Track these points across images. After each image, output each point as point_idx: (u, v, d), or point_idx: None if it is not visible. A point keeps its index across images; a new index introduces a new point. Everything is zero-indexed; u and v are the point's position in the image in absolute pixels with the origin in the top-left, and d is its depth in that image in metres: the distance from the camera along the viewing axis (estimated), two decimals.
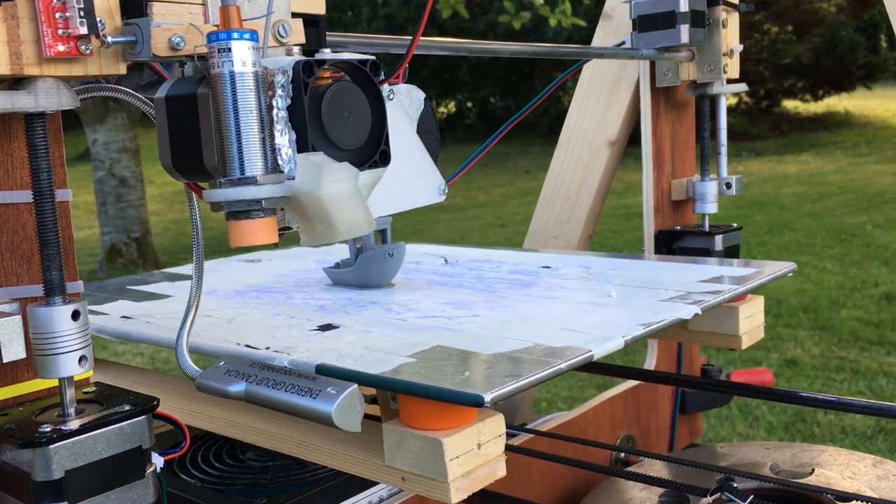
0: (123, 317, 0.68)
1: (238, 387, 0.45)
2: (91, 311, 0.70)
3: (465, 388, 0.43)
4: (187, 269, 0.93)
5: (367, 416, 0.61)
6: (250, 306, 0.69)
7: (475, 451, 0.46)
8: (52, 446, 0.43)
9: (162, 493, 0.48)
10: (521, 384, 0.44)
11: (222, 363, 0.48)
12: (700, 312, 0.58)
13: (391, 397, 0.52)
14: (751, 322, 0.71)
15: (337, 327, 0.60)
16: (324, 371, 0.48)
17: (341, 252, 0.97)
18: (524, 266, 0.80)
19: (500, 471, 0.47)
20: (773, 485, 0.69)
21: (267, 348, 0.54)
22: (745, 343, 0.70)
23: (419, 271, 0.82)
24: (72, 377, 0.45)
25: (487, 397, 0.42)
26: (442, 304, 0.65)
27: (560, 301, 0.64)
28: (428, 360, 0.49)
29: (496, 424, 0.47)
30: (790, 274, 0.74)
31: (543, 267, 0.79)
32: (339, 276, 0.76)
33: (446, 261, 0.86)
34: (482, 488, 0.51)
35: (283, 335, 0.58)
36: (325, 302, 0.69)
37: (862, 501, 0.63)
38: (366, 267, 0.73)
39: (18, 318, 0.45)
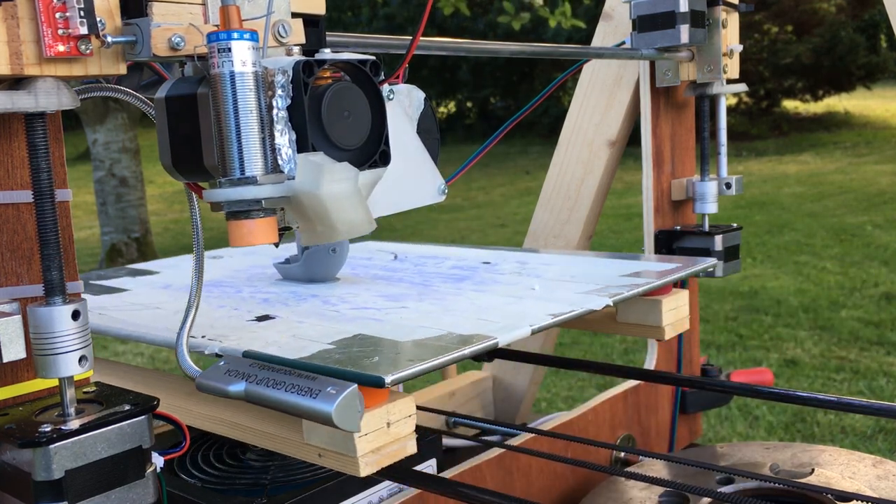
0: None
1: (238, 387, 0.45)
2: None
3: (370, 370, 0.45)
4: (151, 265, 0.96)
5: None
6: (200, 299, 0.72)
7: (384, 430, 0.49)
8: (52, 446, 0.43)
9: (162, 492, 0.48)
10: (422, 367, 0.47)
11: (222, 363, 0.48)
12: (611, 303, 0.61)
13: None
14: (674, 314, 0.73)
15: (273, 318, 0.62)
16: (250, 356, 0.51)
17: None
18: (466, 262, 0.82)
19: (410, 448, 0.51)
20: (773, 484, 0.69)
21: (203, 336, 0.57)
22: (669, 334, 0.72)
23: (367, 266, 0.84)
24: (72, 377, 0.45)
25: (388, 378, 0.44)
26: (376, 297, 0.68)
27: (486, 294, 0.66)
28: (345, 347, 0.52)
29: (406, 406, 0.50)
30: (710, 269, 0.77)
31: (483, 262, 0.81)
32: (287, 271, 0.79)
33: (396, 257, 0.89)
34: (482, 487, 0.51)
35: (222, 325, 0.61)
36: (270, 295, 0.72)
37: (862, 501, 0.63)
38: (311, 262, 0.76)
39: (18, 318, 0.45)
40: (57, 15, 0.41)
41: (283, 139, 0.45)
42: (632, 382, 0.91)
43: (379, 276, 0.78)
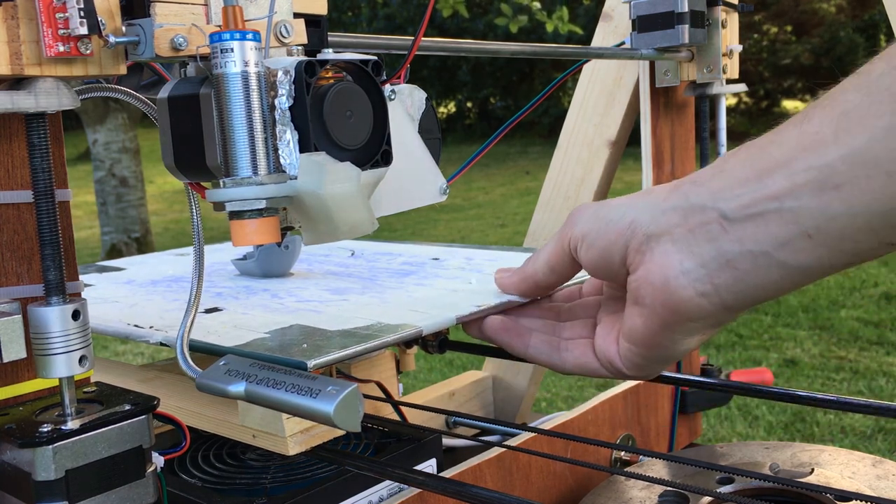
0: None
1: (238, 387, 0.45)
2: None
3: (296, 356, 0.47)
4: (119, 262, 0.97)
5: None
6: (157, 294, 0.74)
7: None
8: (52, 446, 0.43)
9: (162, 492, 0.48)
10: (345, 353, 0.48)
11: (222, 363, 0.48)
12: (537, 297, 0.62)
13: None
14: None
15: (221, 310, 0.64)
16: (193, 347, 0.52)
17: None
18: (416, 258, 0.84)
19: (340, 431, 0.53)
20: (773, 484, 0.69)
21: (150, 327, 0.58)
22: None
23: (323, 262, 0.86)
24: (72, 377, 0.45)
25: (310, 363, 0.46)
26: (322, 291, 0.69)
27: (425, 288, 0.68)
28: (279, 336, 0.54)
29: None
30: None
31: (432, 259, 0.83)
32: (244, 266, 0.81)
33: (353, 253, 0.90)
34: (482, 487, 0.51)
35: (171, 317, 0.62)
36: (224, 290, 0.74)
37: (862, 501, 0.63)
38: (265, 258, 0.78)
39: (19, 317, 0.45)
40: (57, 15, 0.42)
41: (286, 139, 0.45)
42: (631, 382, 0.91)
43: (331, 272, 0.80)
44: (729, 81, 1.00)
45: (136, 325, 0.59)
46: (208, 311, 0.64)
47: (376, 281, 0.73)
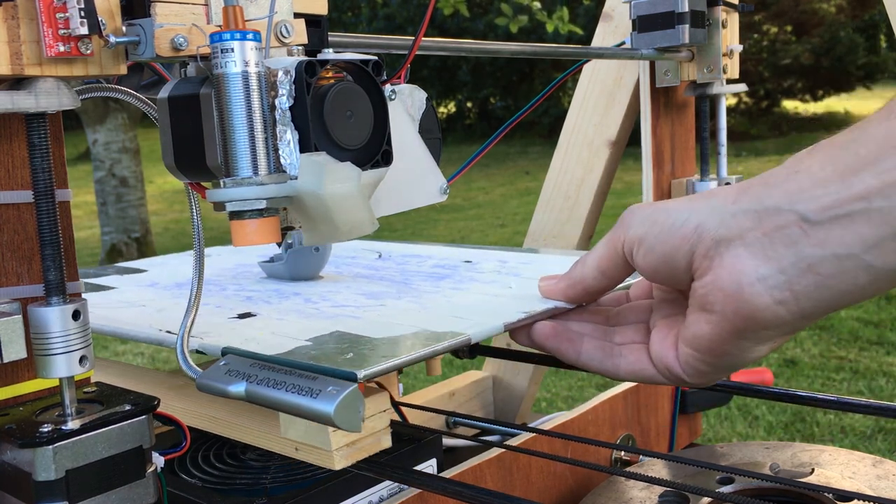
0: None
1: (238, 387, 0.45)
2: None
3: (344, 366, 0.45)
4: (139, 263, 0.95)
5: None
6: (183, 297, 0.72)
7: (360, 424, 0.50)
8: (52, 446, 0.43)
9: (162, 492, 0.48)
10: (394, 363, 0.47)
11: (223, 363, 0.48)
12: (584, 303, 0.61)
13: None
14: None
15: (254, 315, 0.62)
16: (228, 351, 0.51)
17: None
18: (448, 261, 0.82)
19: (385, 442, 0.52)
20: (773, 484, 0.69)
21: None
22: None
23: (351, 265, 0.84)
24: (72, 377, 0.45)
25: (360, 374, 0.44)
26: (356, 295, 0.68)
27: (463, 292, 0.66)
28: (321, 343, 0.52)
29: (381, 400, 0.51)
30: None
31: (465, 261, 0.81)
32: (272, 269, 0.79)
33: (380, 255, 0.88)
34: (482, 487, 0.51)
35: (203, 322, 0.60)
36: (253, 293, 0.72)
37: (862, 501, 0.63)
38: (294, 261, 0.76)
39: (19, 317, 0.45)
40: (58, 15, 0.42)
41: (286, 139, 0.45)
42: (632, 382, 0.91)
43: (361, 275, 0.78)
44: (729, 81, 1.00)
45: (168, 332, 0.58)
46: (241, 316, 0.62)
47: (410, 285, 0.71)
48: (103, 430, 0.44)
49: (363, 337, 0.53)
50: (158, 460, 0.48)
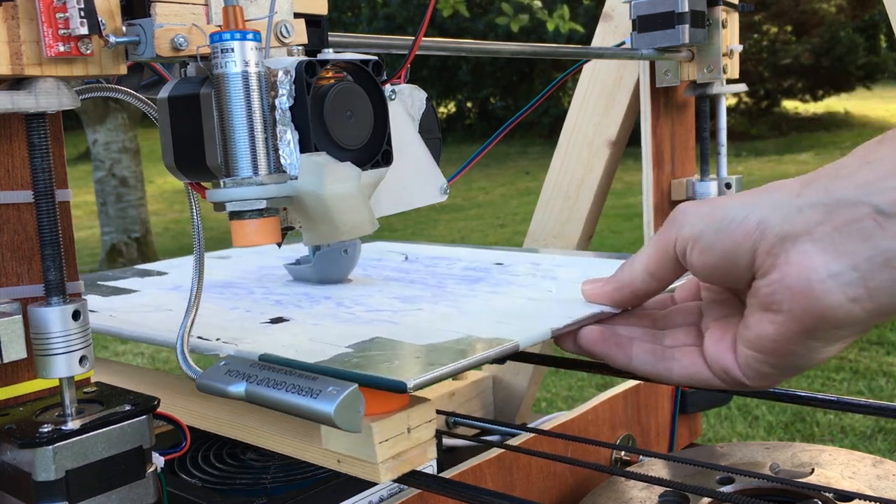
0: (90, 311, 0.70)
1: (238, 387, 0.45)
2: None
3: (392, 375, 0.44)
4: (158, 265, 0.94)
5: None
6: (211, 300, 0.71)
7: (405, 435, 0.48)
8: (52, 446, 0.43)
9: (162, 492, 0.48)
10: (443, 371, 0.45)
11: (223, 363, 0.48)
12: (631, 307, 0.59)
13: None
14: None
15: (287, 320, 0.61)
16: (266, 359, 0.50)
17: (304, 249, 0.99)
18: (478, 263, 0.81)
19: (431, 453, 0.50)
20: (773, 484, 0.69)
21: (217, 339, 0.55)
22: None
23: (378, 268, 0.82)
24: (72, 377, 0.45)
25: (410, 384, 0.43)
26: (391, 299, 0.66)
27: (501, 296, 0.65)
28: (363, 350, 0.50)
29: (426, 411, 0.50)
30: None
31: (496, 264, 0.80)
32: (298, 272, 0.78)
33: (406, 258, 0.87)
34: (482, 487, 0.51)
35: (235, 327, 0.59)
36: (282, 297, 0.71)
37: (862, 501, 0.63)
38: (323, 263, 0.75)
39: (19, 317, 0.45)
40: (57, 15, 0.42)
41: (286, 139, 0.45)
42: (631, 382, 0.91)
43: (391, 278, 0.77)
44: (729, 81, 1.00)
45: (200, 338, 0.56)
46: (274, 321, 0.61)
47: (445, 288, 0.70)
48: (103, 430, 0.44)
49: (405, 343, 0.51)
50: (158, 460, 0.48)
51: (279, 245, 0.46)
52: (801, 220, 0.40)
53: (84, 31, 0.42)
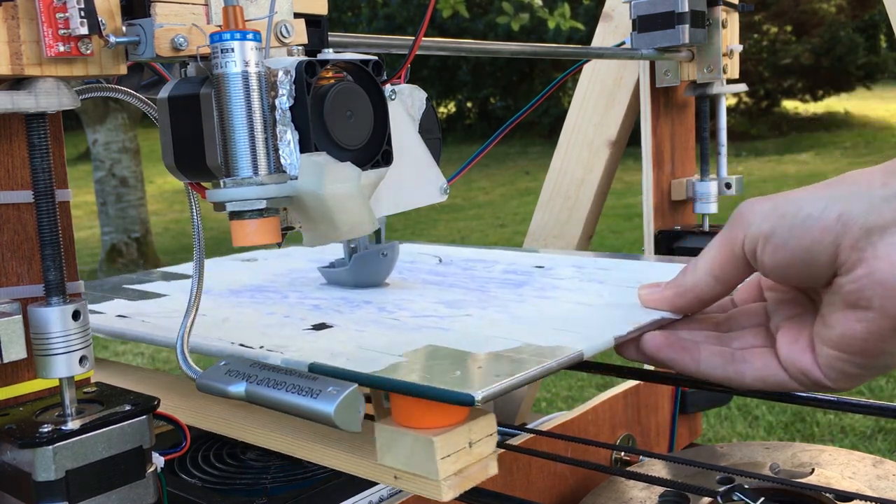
0: (119, 315, 0.68)
1: (238, 387, 0.45)
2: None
3: (457, 387, 0.42)
4: (183, 268, 0.92)
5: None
6: (245, 305, 0.69)
7: (466, 450, 0.46)
8: (52, 446, 0.43)
9: (162, 492, 0.48)
10: (510, 383, 0.43)
11: (223, 363, 0.48)
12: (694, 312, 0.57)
13: (384, 396, 0.52)
14: None
15: (330, 326, 0.59)
16: (317, 369, 0.48)
17: (335, 251, 0.97)
18: (517, 266, 0.79)
19: (492, 469, 0.48)
20: (773, 484, 0.69)
21: (261, 347, 0.53)
22: None
23: (413, 271, 0.80)
24: (72, 377, 0.45)
25: (478, 396, 0.41)
26: (435, 304, 0.64)
27: (551, 301, 0.63)
28: (419, 360, 0.49)
29: (487, 423, 0.47)
30: None
31: (536, 267, 0.78)
32: (333, 275, 0.76)
33: (440, 260, 0.85)
34: (482, 487, 0.51)
35: (276, 334, 0.57)
36: (320, 301, 0.69)
37: (862, 501, 0.63)
38: (360, 266, 0.72)
39: (19, 317, 0.45)
40: (57, 15, 0.42)
41: (286, 139, 0.45)
42: (631, 382, 0.91)
43: (429, 281, 0.74)
44: (729, 81, 1.01)
45: (241, 345, 0.54)
46: (317, 327, 0.59)
47: (488, 292, 0.67)
48: (103, 430, 0.44)
49: (463, 352, 0.49)
50: (158, 460, 0.48)
51: (279, 245, 0.46)
52: (888, 211, 0.38)
53: (84, 31, 0.42)
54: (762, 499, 0.58)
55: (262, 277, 0.82)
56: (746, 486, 0.64)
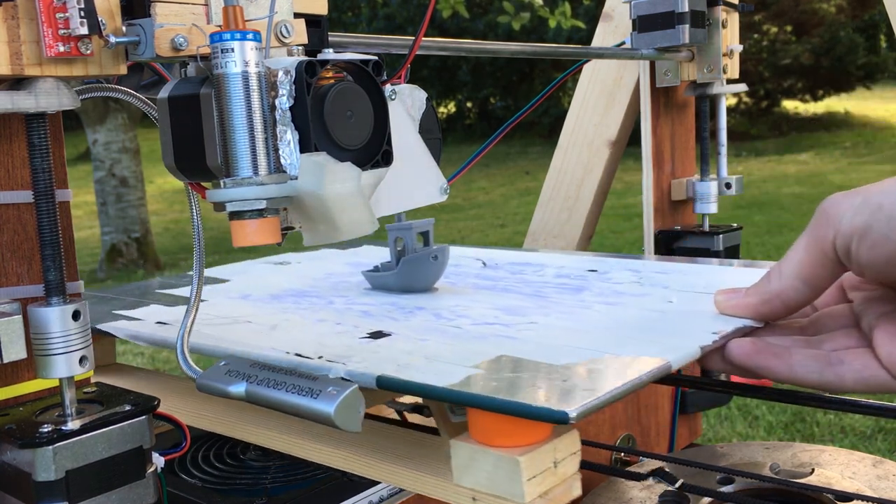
0: (159, 322, 0.65)
1: (238, 387, 0.45)
2: (122, 316, 0.67)
3: (548, 403, 0.40)
4: (214, 271, 0.90)
5: (412, 427, 0.58)
6: (290, 311, 0.66)
7: (552, 470, 0.43)
8: (52, 446, 0.43)
9: (163, 492, 0.48)
10: (604, 398, 0.40)
11: (223, 363, 0.48)
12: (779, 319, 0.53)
13: (449, 409, 0.50)
14: None
15: (388, 335, 0.56)
16: (385, 383, 0.45)
17: (369, 253, 0.94)
18: (568, 269, 0.76)
19: (576, 490, 0.44)
20: (773, 485, 0.69)
21: (319, 357, 0.51)
22: None
23: (459, 275, 0.77)
24: (72, 377, 0.45)
25: (573, 414, 0.38)
26: (493, 310, 0.61)
27: (618, 307, 0.60)
28: (496, 372, 0.46)
29: (572, 441, 0.45)
30: None
31: (589, 271, 0.75)
32: (379, 279, 0.72)
33: (485, 264, 0.82)
34: None
35: (333, 343, 0.55)
36: (369, 307, 0.65)
37: (862, 501, 0.63)
38: (409, 270, 0.69)
39: (19, 318, 0.45)
40: (57, 15, 0.42)
41: (286, 139, 0.45)
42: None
43: (479, 286, 0.71)
44: (729, 81, 1.01)
45: (298, 355, 0.52)
46: (373, 335, 0.56)
47: (547, 297, 0.65)
48: (103, 430, 0.44)
49: (539, 363, 0.47)
50: (158, 460, 0.48)
51: (279, 244, 0.46)
52: None
53: (84, 31, 0.42)
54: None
55: (301, 282, 0.80)
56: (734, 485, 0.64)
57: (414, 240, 0.70)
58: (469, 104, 13.45)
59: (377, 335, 0.56)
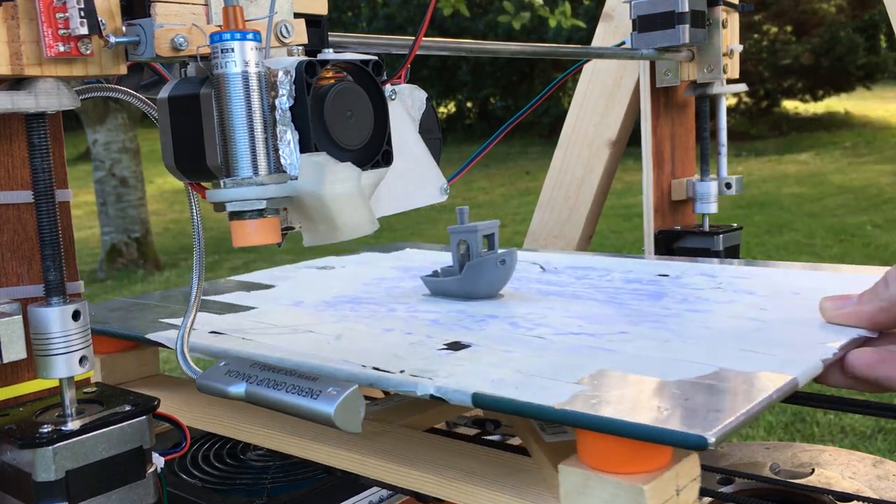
0: (212, 332, 0.62)
1: (238, 387, 0.45)
2: (169, 325, 0.65)
3: (682, 427, 0.36)
4: (256, 276, 0.87)
5: (501, 447, 0.54)
6: (350, 320, 0.63)
7: (674, 499, 0.40)
8: (52, 446, 0.43)
9: (163, 493, 0.48)
10: (741, 420, 0.37)
11: (223, 363, 0.48)
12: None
13: (540, 427, 0.48)
14: None
15: (467, 346, 0.53)
16: (482, 402, 0.42)
17: (413, 256, 0.92)
18: (636, 273, 0.72)
19: None
20: (773, 485, 0.69)
21: (401, 371, 0.48)
22: None
23: (518, 279, 0.74)
24: (72, 377, 0.45)
25: (711, 439, 0.35)
26: (572, 319, 0.58)
27: (709, 315, 0.57)
28: (603, 389, 0.42)
29: (692, 466, 0.41)
30: None
31: (660, 275, 0.72)
32: (440, 285, 0.69)
33: (543, 268, 0.79)
34: None
35: (409, 355, 0.52)
36: (436, 315, 0.62)
37: (862, 501, 0.63)
38: (473, 276, 0.66)
39: (19, 318, 0.45)
40: (57, 15, 0.42)
41: (286, 139, 0.45)
42: None
43: (546, 291, 0.68)
44: (729, 81, 1.01)
45: (375, 368, 0.49)
46: (452, 346, 0.53)
47: (629, 305, 0.61)
48: (103, 430, 0.44)
49: (650, 380, 0.44)
50: (158, 461, 0.48)
51: (279, 245, 0.46)
52: None
53: (84, 31, 0.42)
54: None
55: (353, 287, 0.76)
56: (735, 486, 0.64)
57: (479, 243, 0.67)
58: (469, 104, 13.45)
59: (455, 346, 0.53)
